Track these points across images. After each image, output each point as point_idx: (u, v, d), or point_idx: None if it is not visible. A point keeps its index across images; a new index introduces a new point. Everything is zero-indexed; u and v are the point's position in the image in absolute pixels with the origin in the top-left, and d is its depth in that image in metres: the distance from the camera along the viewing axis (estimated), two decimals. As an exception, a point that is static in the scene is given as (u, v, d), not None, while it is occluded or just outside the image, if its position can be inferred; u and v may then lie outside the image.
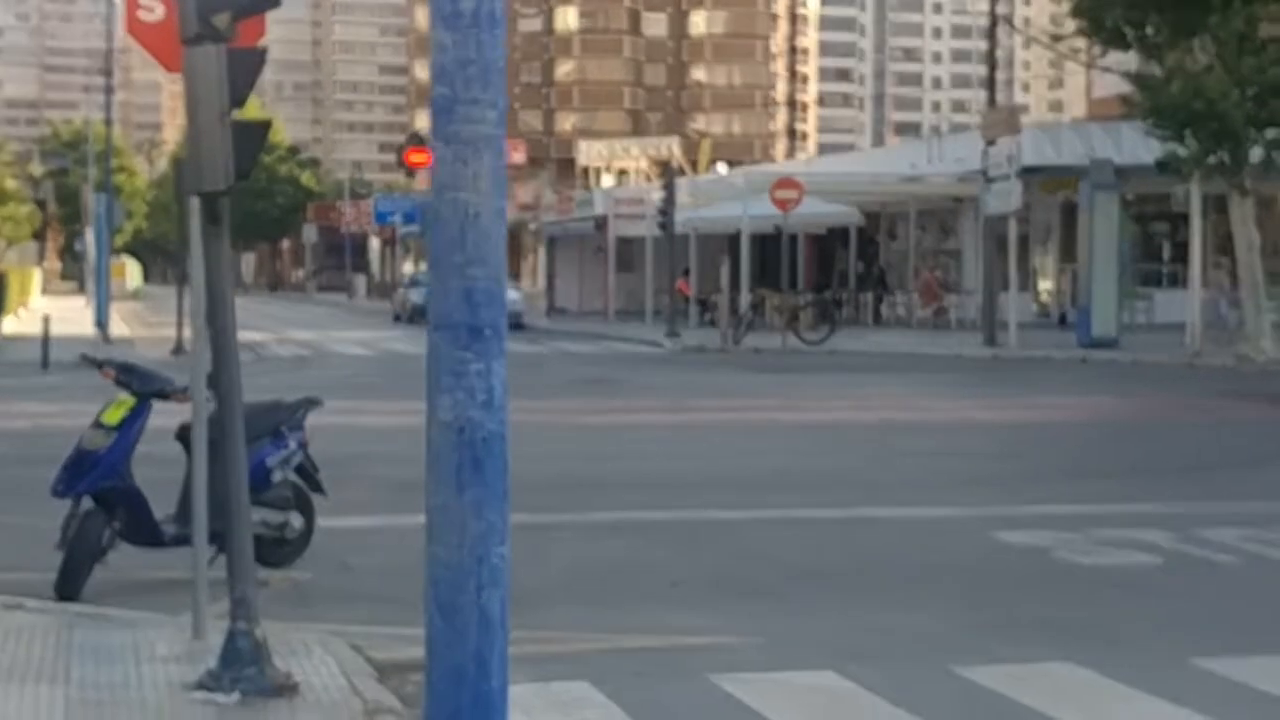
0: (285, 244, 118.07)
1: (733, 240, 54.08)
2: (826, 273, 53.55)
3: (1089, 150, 40.67)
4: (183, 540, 10.25)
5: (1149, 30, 32.36)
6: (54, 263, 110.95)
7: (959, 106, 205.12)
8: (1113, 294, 35.15)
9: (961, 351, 34.84)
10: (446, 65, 4.98)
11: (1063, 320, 43.28)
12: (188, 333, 34.56)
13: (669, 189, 39.52)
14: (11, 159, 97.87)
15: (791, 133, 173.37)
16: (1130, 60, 37.05)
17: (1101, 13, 31.76)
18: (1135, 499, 14.04)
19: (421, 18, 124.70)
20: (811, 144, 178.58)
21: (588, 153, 76.46)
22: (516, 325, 47.57)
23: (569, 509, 13.65)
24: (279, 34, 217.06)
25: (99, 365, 10.25)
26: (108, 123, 40.13)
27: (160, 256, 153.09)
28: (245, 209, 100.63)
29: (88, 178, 63.87)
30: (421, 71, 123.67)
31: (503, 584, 5.26)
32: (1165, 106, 31.34)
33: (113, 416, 10.07)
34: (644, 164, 75.78)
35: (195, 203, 8.18)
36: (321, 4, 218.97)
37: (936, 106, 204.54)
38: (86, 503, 10.03)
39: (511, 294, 49.69)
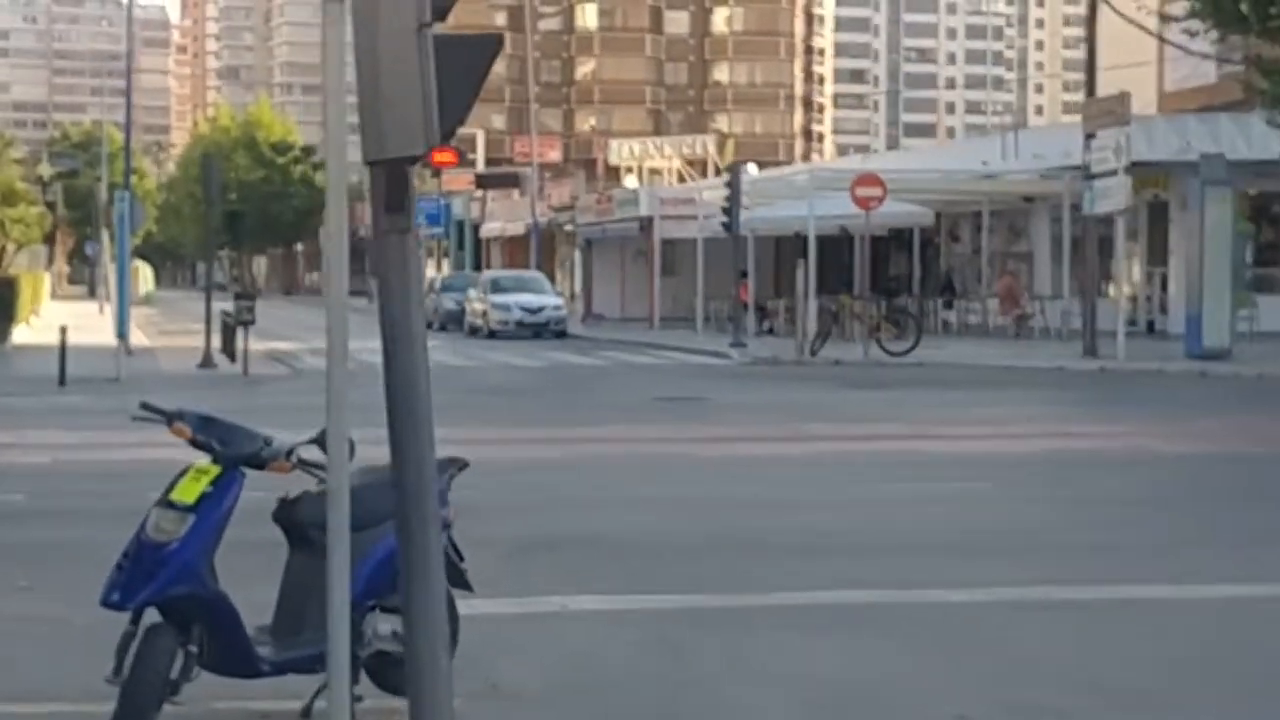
0: (299, 247, 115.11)
1: (782, 242, 51.22)
2: (880, 277, 50.58)
3: (1184, 144, 37.68)
4: (287, 668, 7.28)
5: (1274, 11, 29.32)
6: (62, 266, 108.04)
7: (973, 107, 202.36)
8: (1226, 301, 32.10)
9: (1063, 364, 31.81)
10: None
11: (1150, 328, 40.31)
12: (216, 342, 31.73)
13: (734, 187, 36.51)
14: (23, 157, 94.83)
15: (807, 134, 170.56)
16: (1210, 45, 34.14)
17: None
18: None
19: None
20: (828, 145, 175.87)
21: (618, 152, 73.56)
22: (560, 333, 44.70)
23: (739, 586, 10.64)
24: (287, 35, 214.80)
25: (169, 419, 7.23)
26: (128, 123, 37.29)
27: (170, 260, 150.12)
28: (261, 212, 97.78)
29: (101, 179, 60.92)
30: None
31: None
32: (1294, 94, 28.36)
33: (188, 493, 7.06)
34: (676, 163, 72.87)
35: (337, 186, 5.21)
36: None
37: (951, 108, 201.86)
38: (151, 616, 7.05)
39: (554, 300, 46.84)
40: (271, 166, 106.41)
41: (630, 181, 72.04)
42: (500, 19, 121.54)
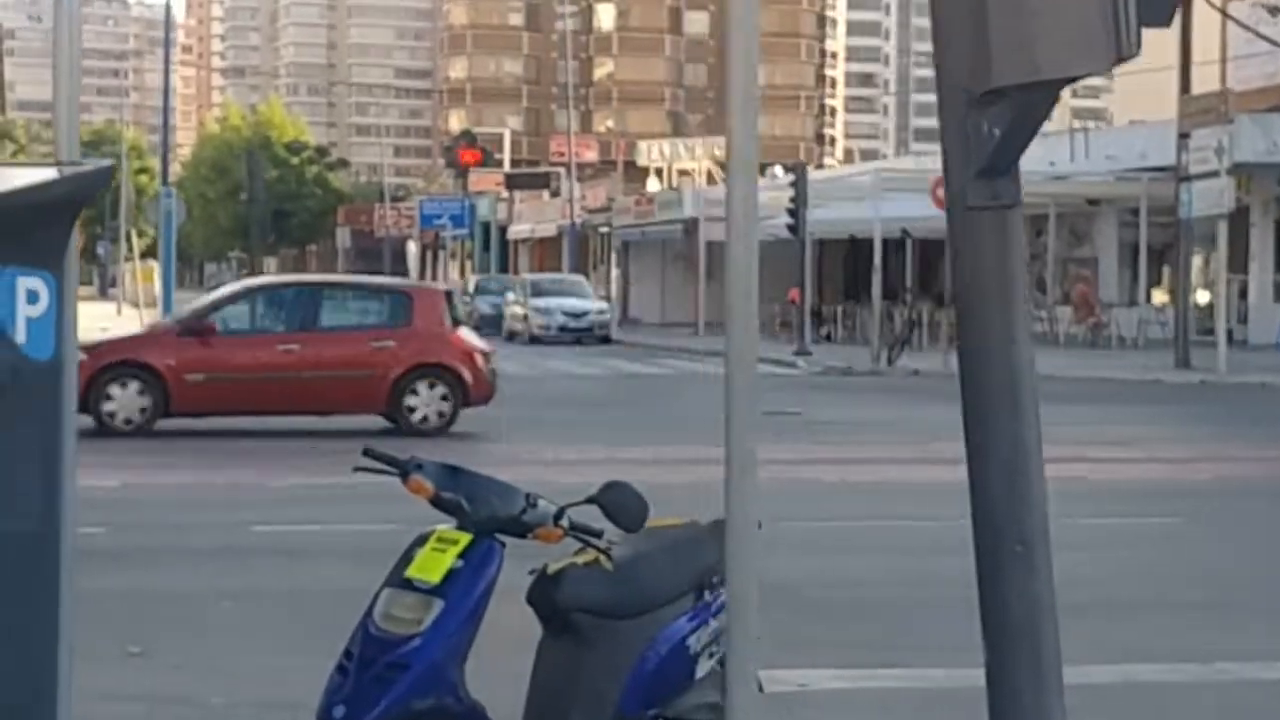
0: (312, 248, 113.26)
1: (826, 245, 49.43)
2: (929, 281, 48.84)
3: (1271, 144, 35.92)
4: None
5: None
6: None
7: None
8: (1327, 309, 30.34)
9: (1158, 376, 30.01)
10: None
11: (1228, 337, 38.43)
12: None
13: (799, 187, 34.73)
14: (48, 153, 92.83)
15: (820, 137, 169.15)
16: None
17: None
18: None
19: (457, 15, 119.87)
20: (839, 149, 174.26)
21: (647, 153, 71.75)
22: (604, 339, 42.93)
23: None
24: (294, 36, 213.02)
25: (403, 471, 5.38)
26: (164, 123, 35.63)
27: (177, 261, 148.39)
28: (277, 211, 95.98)
29: (122, 179, 59.13)
30: (456, 70, 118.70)
31: None
32: None
33: (431, 569, 5.22)
34: (706, 164, 71.11)
35: (743, 170, 3.44)
36: (337, 6, 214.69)
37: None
38: (382, 736, 5.21)
39: (597, 304, 45.08)
40: (285, 167, 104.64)
41: (653, 183, 70.25)
42: (517, 19, 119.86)
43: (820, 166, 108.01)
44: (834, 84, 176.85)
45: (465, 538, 5.27)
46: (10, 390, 5.14)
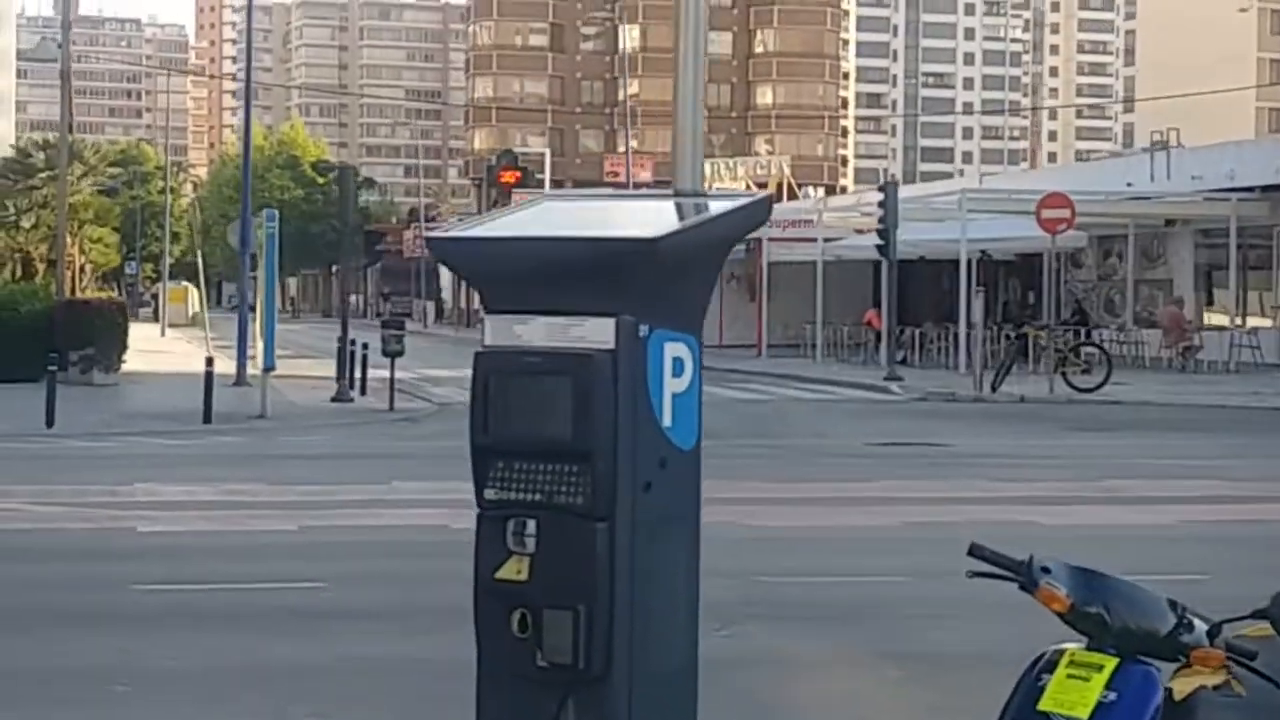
0: (336, 268, 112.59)
1: (880, 268, 48.51)
2: (989, 303, 47.92)
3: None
4: None
5: None
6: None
7: (989, 133, 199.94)
8: None
9: (1277, 403, 29.06)
10: None
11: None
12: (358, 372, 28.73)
13: (889, 207, 33.80)
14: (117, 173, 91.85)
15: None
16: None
17: None
18: None
19: (481, 36, 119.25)
20: (850, 169, 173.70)
21: (688, 172, 70.81)
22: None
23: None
24: (306, 56, 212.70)
25: (1027, 575, 4.40)
26: (246, 143, 34.69)
27: (192, 280, 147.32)
28: (303, 231, 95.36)
29: (166, 196, 58.22)
30: (482, 89, 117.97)
31: None
32: None
33: (1074, 702, 4.20)
34: (745, 184, 70.35)
35: None
36: (349, 27, 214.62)
37: (969, 133, 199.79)
38: None
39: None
40: (313, 186, 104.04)
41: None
42: (540, 40, 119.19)
43: (831, 189, 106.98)
44: (845, 104, 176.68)
45: (1110, 661, 4.27)
46: (654, 489, 4.11)
